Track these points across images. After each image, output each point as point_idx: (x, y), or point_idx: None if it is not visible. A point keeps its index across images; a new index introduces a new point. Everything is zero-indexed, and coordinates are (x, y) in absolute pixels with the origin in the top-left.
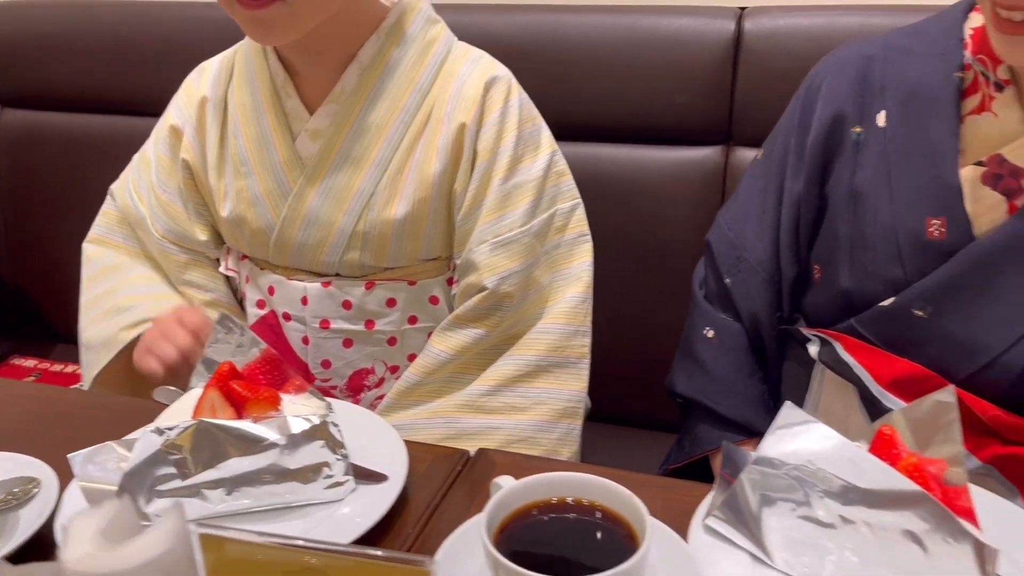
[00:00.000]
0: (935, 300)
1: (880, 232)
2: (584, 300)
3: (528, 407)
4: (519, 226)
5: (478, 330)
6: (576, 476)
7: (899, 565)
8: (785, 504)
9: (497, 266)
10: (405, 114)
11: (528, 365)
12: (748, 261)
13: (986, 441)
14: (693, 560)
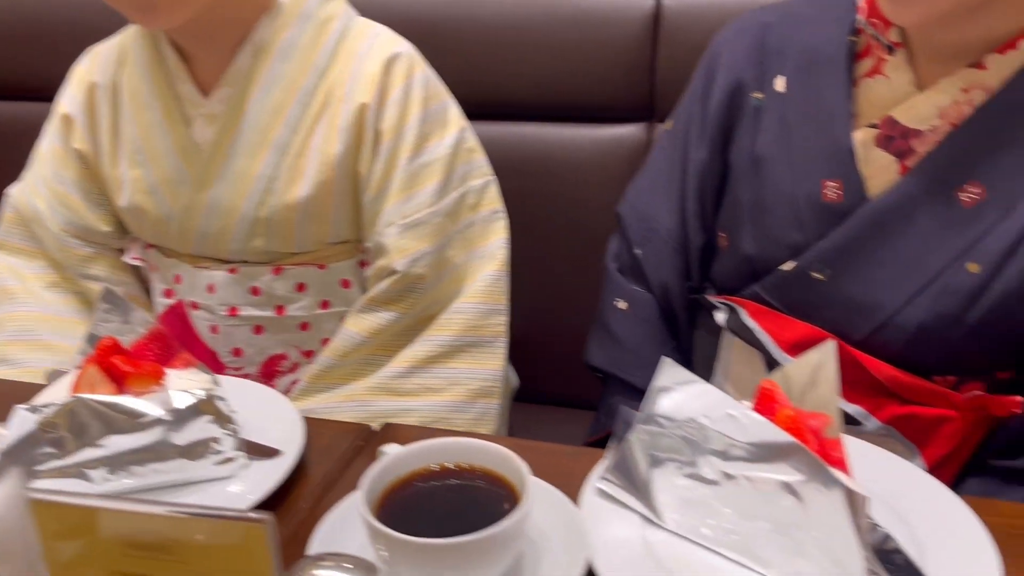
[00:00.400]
0: (832, 262)
1: (780, 197)
2: (499, 278)
3: (443, 388)
4: (428, 206)
5: (392, 312)
6: (459, 441)
7: (778, 517)
8: (672, 464)
9: (407, 248)
10: (303, 95)
11: (443, 345)
12: (657, 232)
13: (885, 402)
14: (581, 523)
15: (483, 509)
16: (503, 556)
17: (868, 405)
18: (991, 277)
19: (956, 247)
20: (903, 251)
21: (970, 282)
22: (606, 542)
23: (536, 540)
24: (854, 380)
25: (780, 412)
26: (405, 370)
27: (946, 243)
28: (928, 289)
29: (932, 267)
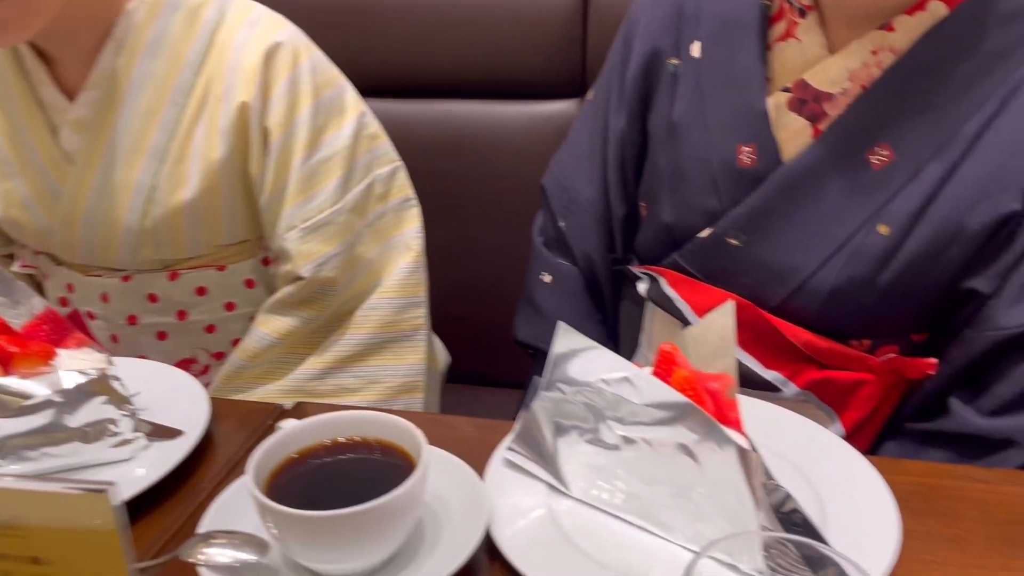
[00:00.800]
0: (747, 228)
1: (696, 163)
2: (415, 270)
3: (361, 387)
4: (330, 206)
5: (304, 314)
6: (356, 414)
7: (677, 480)
8: (576, 431)
9: (311, 253)
10: (177, 95)
11: (359, 345)
12: (579, 203)
13: (802, 367)
14: (481, 492)
15: (379, 481)
16: (397, 527)
17: (786, 371)
18: (901, 239)
19: (867, 210)
20: (816, 215)
21: (881, 244)
22: (508, 511)
23: (437, 511)
24: (772, 345)
25: (676, 373)
26: (320, 372)
27: (857, 206)
28: (840, 252)
29: (844, 230)
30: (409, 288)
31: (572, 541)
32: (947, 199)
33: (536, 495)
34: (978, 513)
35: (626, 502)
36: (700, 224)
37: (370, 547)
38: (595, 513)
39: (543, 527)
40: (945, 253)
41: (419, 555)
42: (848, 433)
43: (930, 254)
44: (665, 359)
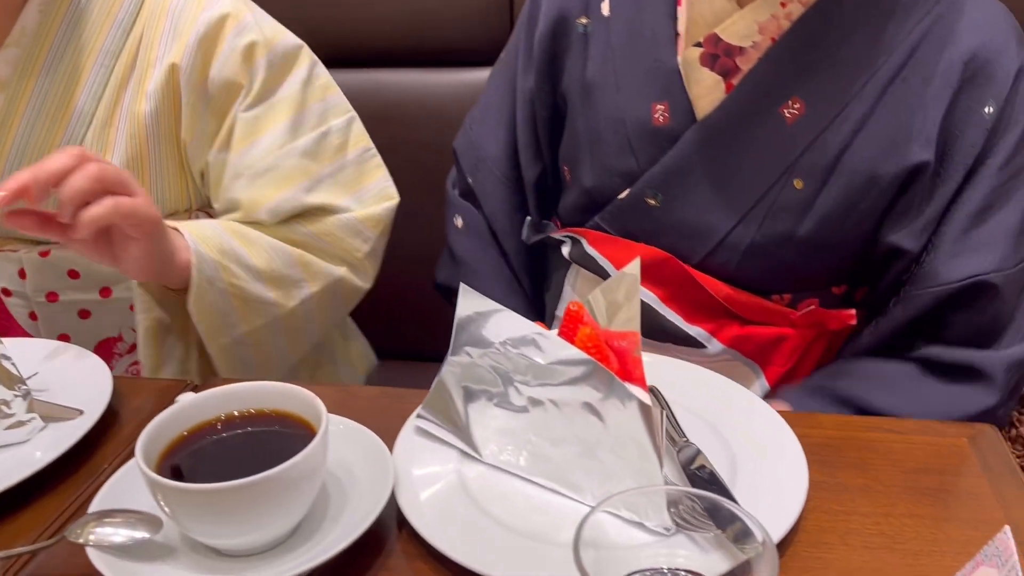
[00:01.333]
0: (665, 187)
1: (611, 124)
2: (387, 212)
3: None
4: (279, 147)
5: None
6: (253, 386)
7: (584, 439)
8: (485, 395)
9: (262, 198)
10: (105, 57)
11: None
12: (485, 161)
13: (725, 323)
14: (388, 460)
15: (278, 452)
16: (295, 498)
17: (709, 326)
18: (815, 192)
19: (782, 164)
20: (731, 171)
21: (796, 198)
22: (416, 479)
23: (343, 480)
24: (694, 301)
25: (581, 331)
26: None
27: (772, 161)
28: (757, 208)
29: (760, 185)
30: (370, 221)
31: (481, 506)
32: (858, 151)
33: (447, 462)
34: (887, 463)
35: (536, 464)
36: (619, 186)
37: (267, 520)
38: (506, 477)
39: (451, 493)
40: (859, 205)
41: (323, 526)
42: (772, 387)
43: (844, 207)
44: (571, 318)
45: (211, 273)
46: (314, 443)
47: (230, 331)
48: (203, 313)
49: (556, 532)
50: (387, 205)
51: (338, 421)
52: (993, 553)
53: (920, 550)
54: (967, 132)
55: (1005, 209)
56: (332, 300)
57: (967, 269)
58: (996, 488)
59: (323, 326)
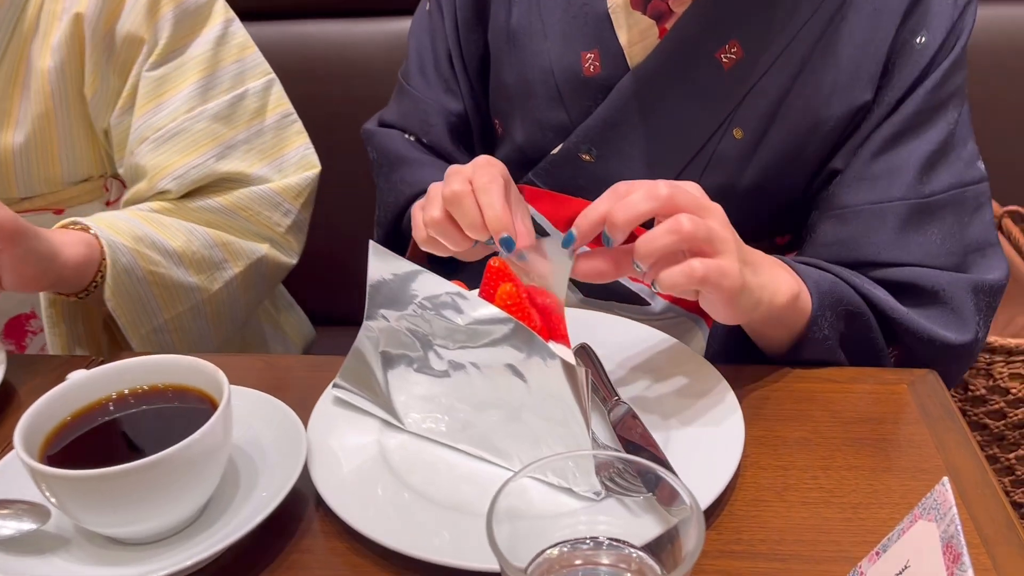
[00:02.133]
0: (599, 142)
1: (539, 74)
2: (308, 183)
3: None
4: (186, 111)
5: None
6: (149, 360)
7: (507, 402)
8: (404, 360)
9: (168, 164)
10: (8, 10)
11: (208, 209)
12: (435, 113)
13: None
14: (300, 433)
15: (177, 431)
16: (196, 479)
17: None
18: (757, 141)
19: (721, 112)
20: (668, 123)
21: (737, 149)
22: (333, 452)
23: (254, 457)
24: None
25: (501, 288)
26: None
27: (711, 109)
28: (696, 160)
29: (699, 136)
30: (289, 192)
31: (402, 478)
32: (800, 96)
33: (367, 432)
34: (826, 414)
35: (460, 431)
36: (551, 141)
37: (165, 505)
38: (430, 446)
39: (371, 466)
40: (803, 152)
41: (231, 508)
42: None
43: (788, 154)
44: (493, 274)
45: (127, 262)
46: (214, 419)
47: (151, 320)
48: (122, 305)
49: (482, 503)
50: (308, 175)
51: (247, 394)
52: (931, 506)
53: (860, 502)
54: (903, 64)
55: (921, 138)
56: (256, 279)
57: (868, 196)
58: (936, 435)
59: (248, 306)
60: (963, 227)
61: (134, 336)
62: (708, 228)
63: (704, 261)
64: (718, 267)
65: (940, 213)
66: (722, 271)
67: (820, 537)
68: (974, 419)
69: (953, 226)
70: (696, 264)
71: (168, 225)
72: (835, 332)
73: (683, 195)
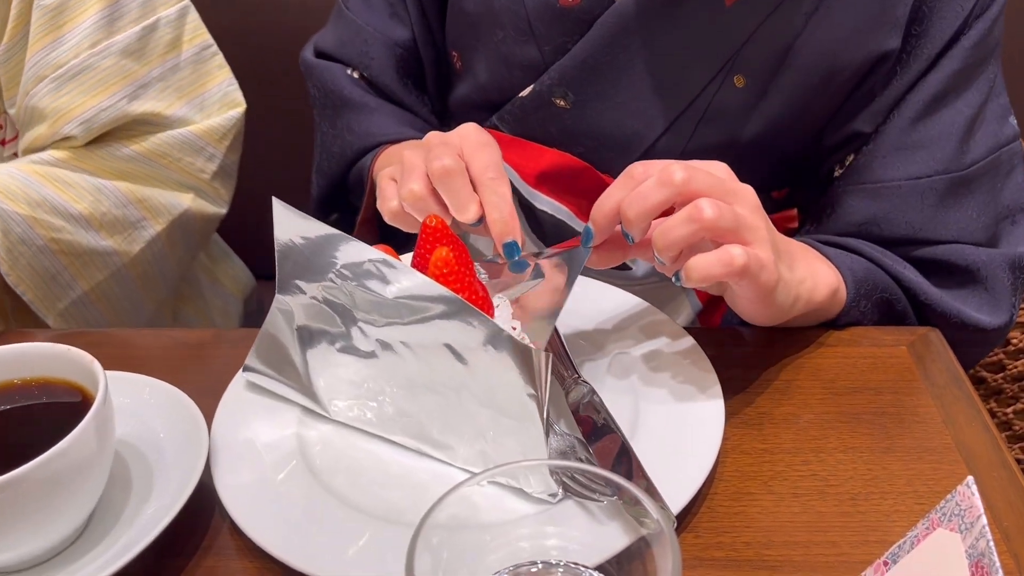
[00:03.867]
0: (576, 85)
1: (506, 2)
2: (232, 123)
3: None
4: (90, 46)
5: None
6: (8, 350)
7: (445, 385)
8: (325, 338)
9: (73, 107)
10: None
11: (123, 157)
12: (378, 43)
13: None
14: (200, 429)
15: (45, 436)
16: (70, 495)
17: None
18: (761, 92)
19: (719, 57)
20: (658, 67)
21: (737, 99)
22: (240, 451)
23: (148, 455)
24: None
25: (436, 253)
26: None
27: (708, 53)
28: (690, 111)
29: (694, 84)
30: (212, 135)
31: (322, 480)
32: (812, 40)
33: (284, 424)
34: (816, 384)
35: (394, 420)
36: (519, 81)
37: (35, 528)
38: (357, 438)
39: (286, 467)
40: (812, 105)
41: (121, 518)
42: (704, 306)
43: (795, 107)
44: (429, 234)
45: (22, 232)
46: (83, 425)
47: (67, 293)
48: (25, 280)
49: (417, 510)
50: (232, 114)
51: (135, 380)
52: (954, 512)
53: (858, 492)
54: (941, 8)
55: (962, 99)
56: (184, 235)
57: (907, 170)
58: (943, 406)
59: (180, 264)
60: (996, 194)
61: (49, 313)
62: (734, 215)
63: (744, 248)
64: (756, 257)
65: (977, 183)
66: (760, 262)
67: (814, 537)
68: (971, 373)
69: (987, 195)
70: (736, 251)
71: (73, 183)
72: (867, 320)
73: (703, 178)
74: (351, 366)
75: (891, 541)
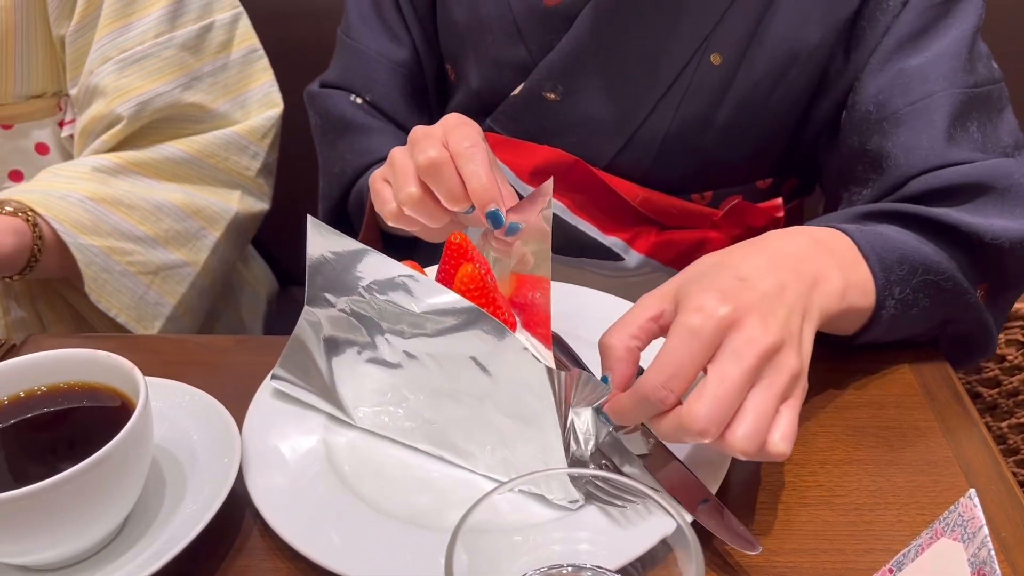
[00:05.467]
0: (564, 77)
1: (494, 8)
2: (273, 122)
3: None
4: (154, 36)
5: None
6: (51, 356)
7: (469, 394)
8: (352, 348)
9: (131, 88)
10: None
11: (171, 159)
12: (382, 67)
13: (642, 230)
14: (233, 434)
15: (89, 438)
16: (111, 496)
17: (626, 235)
18: (736, 66)
19: (695, 37)
20: (639, 52)
21: (715, 76)
22: (270, 455)
23: (180, 458)
24: (608, 208)
25: (462, 269)
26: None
27: (684, 35)
28: (671, 92)
29: (672, 65)
30: (255, 134)
31: (349, 484)
32: (781, 13)
33: (311, 431)
34: (821, 398)
35: (418, 428)
36: (511, 81)
37: (76, 528)
38: (382, 445)
39: (314, 472)
40: (786, 76)
41: (156, 521)
42: None
43: (769, 80)
44: (453, 252)
45: (101, 261)
46: (127, 430)
47: (159, 311)
48: (115, 305)
49: (442, 514)
50: (270, 114)
51: (169, 387)
52: (957, 522)
53: (863, 503)
54: None
55: (951, 26)
56: (237, 236)
57: (906, 99)
58: (943, 421)
59: (234, 261)
60: (995, 127)
61: (149, 333)
62: (711, 401)
63: (786, 407)
64: (798, 399)
65: (983, 108)
66: (802, 393)
67: (822, 545)
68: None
69: (986, 124)
70: (785, 427)
71: (136, 206)
72: (916, 311)
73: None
74: (376, 376)
75: (895, 549)
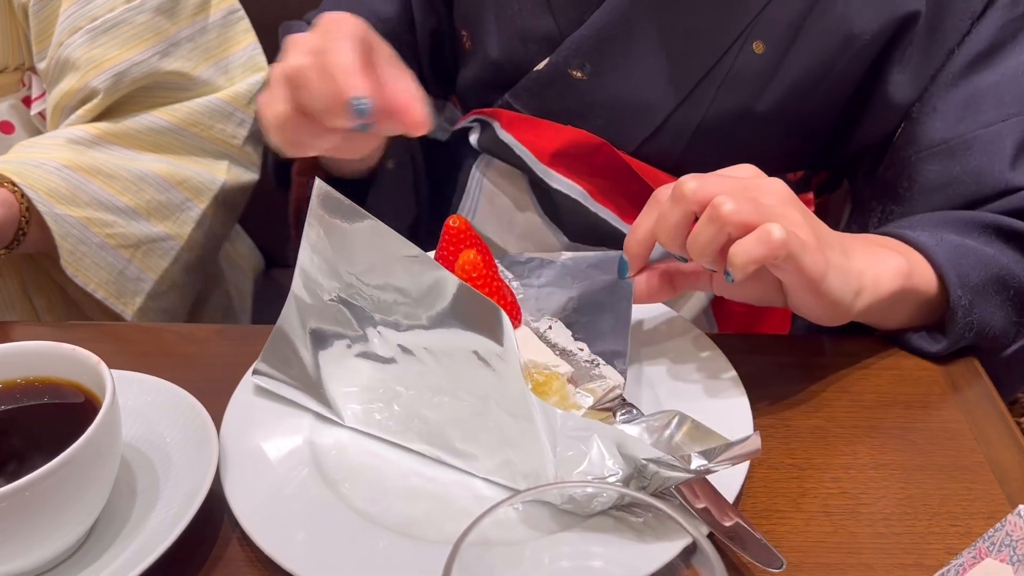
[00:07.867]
0: (593, 56)
1: None
2: (260, 87)
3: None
4: (124, 2)
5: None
6: (11, 348)
7: (469, 390)
8: (340, 340)
9: (107, 59)
10: None
11: (153, 128)
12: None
13: None
14: (210, 436)
15: (51, 441)
16: (74, 504)
17: None
18: (780, 57)
19: (738, 23)
20: (677, 34)
21: (756, 65)
22: (250, 458)
23: (153, 460)
24: (632, 195)
25: (463, 255)
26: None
27: (725, 19)
28: (708, 79)
29: (712, 51)
30: (240, 100)
31: (336, 490)
32: (830, 4)
33: (296, 431)
34: (845, 398)
35: (411, 426)
36: (535, 55)
37: (30, 541)
38: (372, 445)
39: (298, 475)
40: (832, 70)
41: (125, 528)
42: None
43: (815, 72)
44: (452, 236)
45: (79, 233)
46: (92, 430)
47: (139, 287)
48: (93, 279)
49: (437, 524)
50: (256, 78)
51: (142, 381)
52: (1004, 542)
53: (891, 513)
54: None
55: (1019, 45)
56: (226, 209)
57: (977, 121)
58: (974, 423)
59: (224, 237)
60: None
61: (127, 310)
62: (756, 205)
63: (782, 225)
64: (795, 235)
65: None
66: (801, 241)
67: (847, 559)
68: None
69: None
70: (772, 227)
71: (116, 175)
72: (996, 320)
73: (714, 182)
74: (367, 371)
75: (927, 565)
